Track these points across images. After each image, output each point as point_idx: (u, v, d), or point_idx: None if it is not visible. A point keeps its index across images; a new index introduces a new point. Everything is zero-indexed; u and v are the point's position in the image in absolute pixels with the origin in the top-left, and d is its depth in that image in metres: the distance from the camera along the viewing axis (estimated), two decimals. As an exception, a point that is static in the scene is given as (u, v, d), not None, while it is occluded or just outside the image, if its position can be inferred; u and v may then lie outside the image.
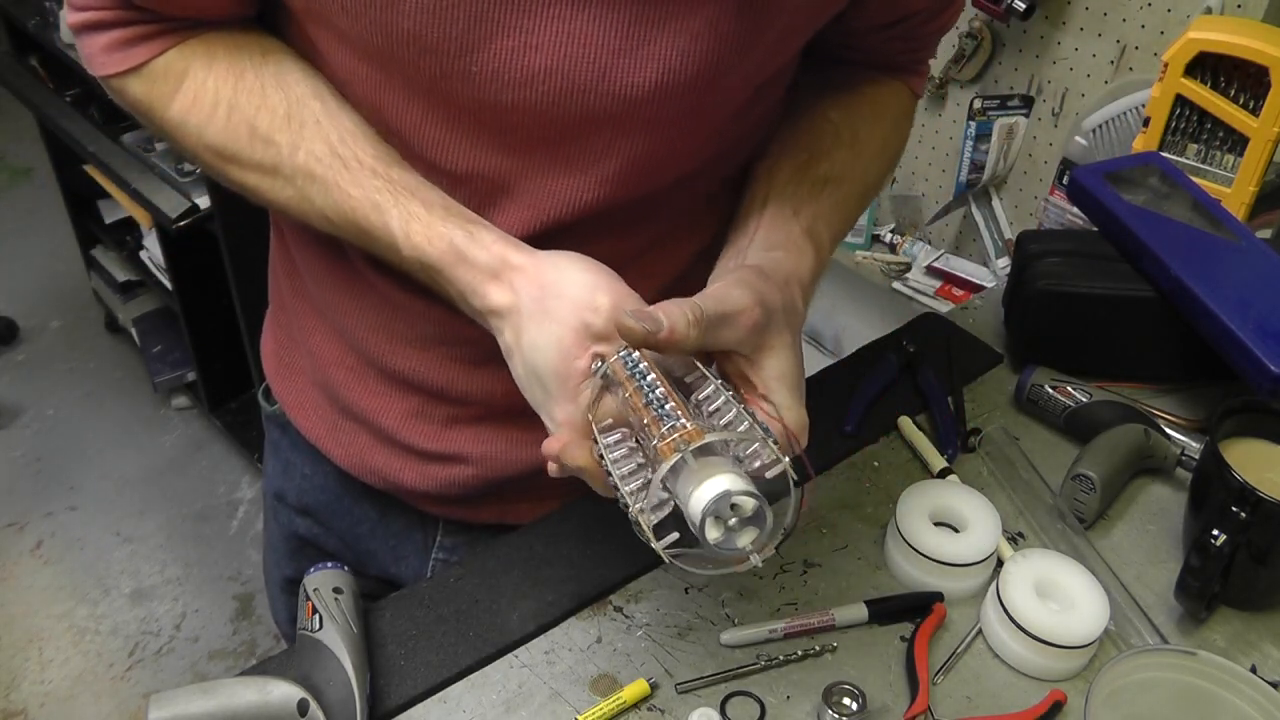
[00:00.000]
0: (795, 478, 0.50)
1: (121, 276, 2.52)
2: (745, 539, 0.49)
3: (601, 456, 0.54)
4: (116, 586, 2.15)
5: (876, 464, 0.87)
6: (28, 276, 2.96)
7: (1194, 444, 0.86)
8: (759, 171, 0.70)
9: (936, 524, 0.77)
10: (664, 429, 0.49)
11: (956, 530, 0.77)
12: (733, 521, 0.48)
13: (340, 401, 0.78)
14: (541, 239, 0.62)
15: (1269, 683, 0.63)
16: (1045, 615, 0.69)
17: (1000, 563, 0.76)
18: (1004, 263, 1.77)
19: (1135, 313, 0.91)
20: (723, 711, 0.67)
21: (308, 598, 0.68)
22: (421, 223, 0.59)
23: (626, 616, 0.73)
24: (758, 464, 0.51)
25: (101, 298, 2.68)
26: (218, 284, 2.00)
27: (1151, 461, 0.85)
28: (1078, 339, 0.93)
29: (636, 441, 0.54)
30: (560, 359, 0.55)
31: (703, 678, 0.69)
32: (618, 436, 0.54)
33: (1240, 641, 0.74)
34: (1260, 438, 0.79)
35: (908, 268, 1.91)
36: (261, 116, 0.62)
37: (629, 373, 0.54)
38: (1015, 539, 0.80)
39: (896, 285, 1.88)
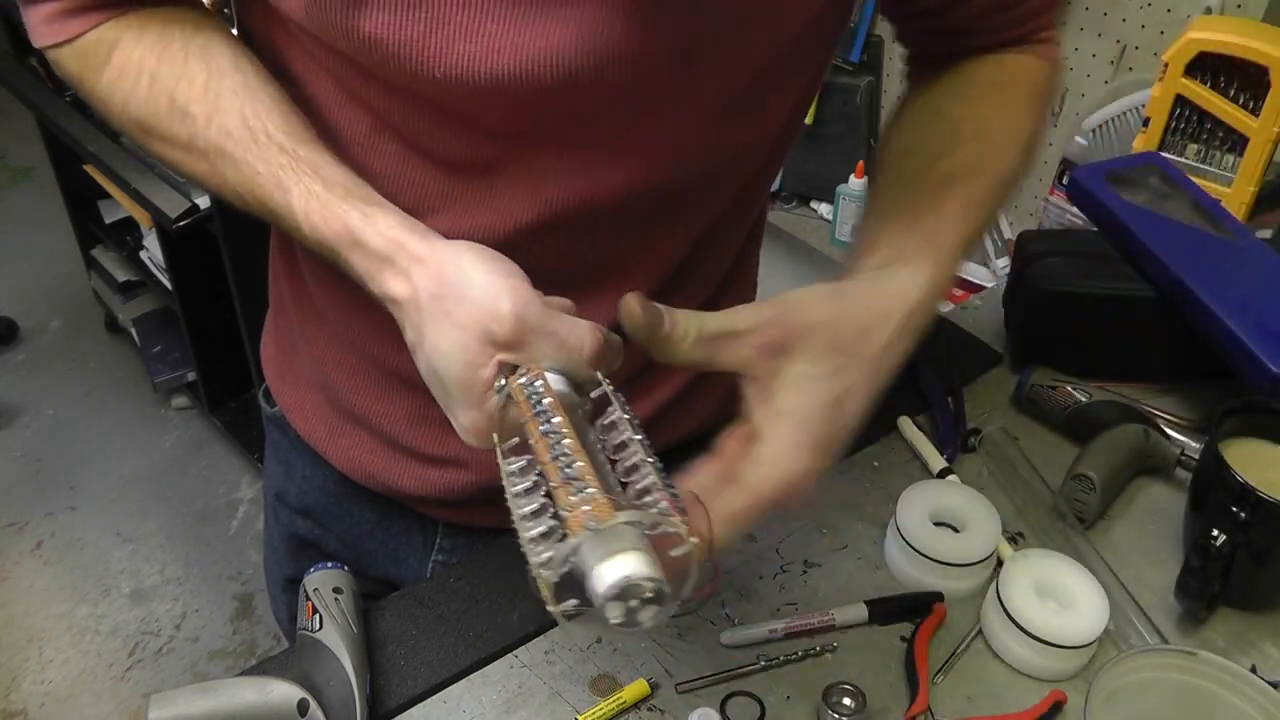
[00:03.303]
0: (704, 559, 0.47)
1: (121, 276, 2.52)
2: (646, 615, 0.47)
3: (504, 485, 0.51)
4: (116, 586, 2.15)
5: (876, 464, 0.87)
6: (28, 276, 2.96)
7: (1194, 444, 0.86)
8: (876, 185, 0.67)
9: (936, 524, 0.77)
10: (573, 498, 0.46)
11: (956, 530, 0.77)
12: (634, 603, 0.46)
13: (341, 405, 0.78)
14: (547, 226, 0.61)
15: (1269, 683, 0.63)
16: (1045, 615, 0.69)
17: (1000, 563, 0.76)
18: (1004, 263, 1.77)
19: (1135, 313, 0.91)
20: (723, 711, 0.67)
21: (307, 598, 0.68)
22: (320, 201, 0.57)
23: (626, 616, 0.73)
24: (666, 533, 0.47)
25: (101, 298, 2.68)
26: (218, 284, 2.00)
27: (1151, 461, 0.85)
28: (1078, 339, 0.92)
29: (538, 476, 0.50)
30: (464, 367, 0.52)
31: (703, 678, 0.69)
32: (522, 464, 0.50)
33: (1240, 641, 0.74)
34: (1260, 438, 0.79)
35: (908, 268, 1.90)
36: (181, 87, 0.61)
37: (532, 407, 0.50)
38: (1015, 539, 0.80)
39: (896, 285, 1.88)
